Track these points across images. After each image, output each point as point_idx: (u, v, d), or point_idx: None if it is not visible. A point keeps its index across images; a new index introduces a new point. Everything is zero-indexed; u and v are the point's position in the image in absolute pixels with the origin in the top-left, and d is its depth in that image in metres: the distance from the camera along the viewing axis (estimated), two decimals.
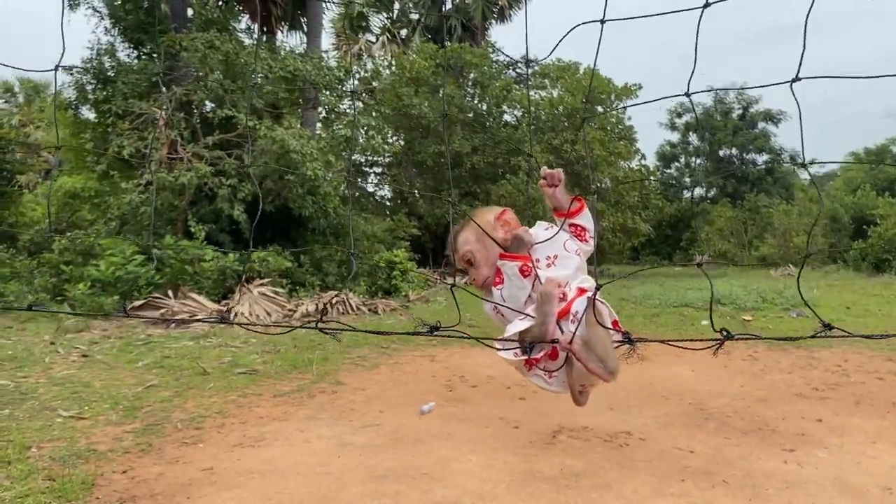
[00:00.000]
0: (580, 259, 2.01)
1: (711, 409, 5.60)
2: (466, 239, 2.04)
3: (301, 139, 12.75)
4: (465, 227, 2.07)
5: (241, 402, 5.79)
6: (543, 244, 1.97)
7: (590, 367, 1.76)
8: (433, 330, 1.73)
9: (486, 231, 1.96)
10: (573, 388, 1.95)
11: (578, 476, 4.05)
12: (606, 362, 1.76)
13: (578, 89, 22.47)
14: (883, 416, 5.40)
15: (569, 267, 1.96)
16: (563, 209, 2.02)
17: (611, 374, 1.78)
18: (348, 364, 7.40)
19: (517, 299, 1.91)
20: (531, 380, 1.95)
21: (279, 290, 11.77)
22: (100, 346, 7.98)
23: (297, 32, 22.05)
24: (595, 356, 1.76)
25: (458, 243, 2.05)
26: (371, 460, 4.35)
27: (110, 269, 10.61)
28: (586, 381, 1.91)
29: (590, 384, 1.96)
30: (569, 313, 1.81)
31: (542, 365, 1.90)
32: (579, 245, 2.03)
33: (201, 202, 12.84)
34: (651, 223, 25.11)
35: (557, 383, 1.93)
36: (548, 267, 1.95)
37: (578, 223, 2.05)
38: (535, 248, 1.96)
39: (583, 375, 1.85)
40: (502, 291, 1.93)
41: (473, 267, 2.03)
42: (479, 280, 2.02)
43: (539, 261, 1.94)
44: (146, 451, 4.48)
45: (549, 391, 1.97)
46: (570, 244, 2.01)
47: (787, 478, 3.98)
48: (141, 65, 14.37)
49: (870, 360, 7.56)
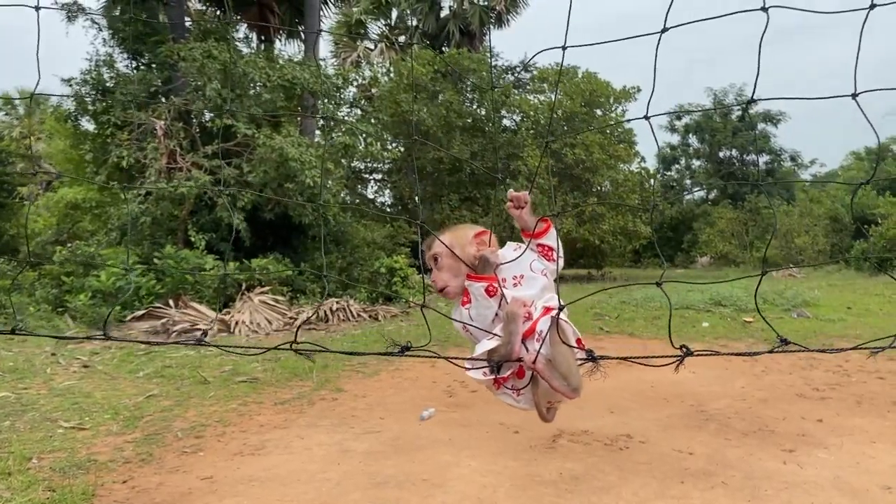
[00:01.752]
0: (546, 279, 2.05)
1: (712, 411, 5.60)
2: (439, 244, 2.09)
3: (300, 147, 12.78)
4: (447, 232, 2.14)
5: (242, 410, 5.80)
6: (510, 264, 2.02)
7: (553, 385, 1.81)
8: (404, 350, 1.79)
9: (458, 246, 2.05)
10: (539, 406, 1.98)
11: (579, 480, 4.05)
12: (569, 380, 1.81)
13: (577, 93, 22.49)
14: (884, 415, 5.39)
15: (534, 287, 2.01)
16: (530, 230, 2.07)
17: (574, 392, 1.83)
18: (349, 371, 7.40)
19: (485, 318, 1.95)
20: (499, 398, 2.01)
21: (280, 297, 11.78)
22: (101, 357, 7.99)
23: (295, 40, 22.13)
24: (559, 374, 1.80)
25: (433, 242, 2.12)
26: (372, 467, 4.36)
27: (111, 279, 10.64)
28: (552, 398, 1.95)
29: (556, 401, 1.99)
30: (534, 332, 1.85)
31: (509, 384, 1.95)
32: (546, 265, 2.08)
33: (201, 211, 12.86)
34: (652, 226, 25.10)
35: (525, 401, 1.98)
36: (514, 286, 2.00)
37: (545, 243, 2.11)
38: (501, 269, 2.00)
39: (548, 393, 1.89)
40: (470, 311, 1.97)
41: (437, 269, 2.09)
42: (439, 283, 2.08)
43: (506, 280, 1.99)
44: (146, 461, 4.49)
45: (517, 408, 2.02)
46: (536, 264, 2.06)
47: (787, 478, 3.98)
48: (139, 75, 14.42)
49: (871, 360, 7.55)
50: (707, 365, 7.28)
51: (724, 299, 12.68)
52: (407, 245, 17.97)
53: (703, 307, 12.18)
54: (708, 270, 30.20)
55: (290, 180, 12.79)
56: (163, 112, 12.98)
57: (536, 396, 1.94)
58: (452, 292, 2.06)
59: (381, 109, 19.18)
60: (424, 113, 19.44)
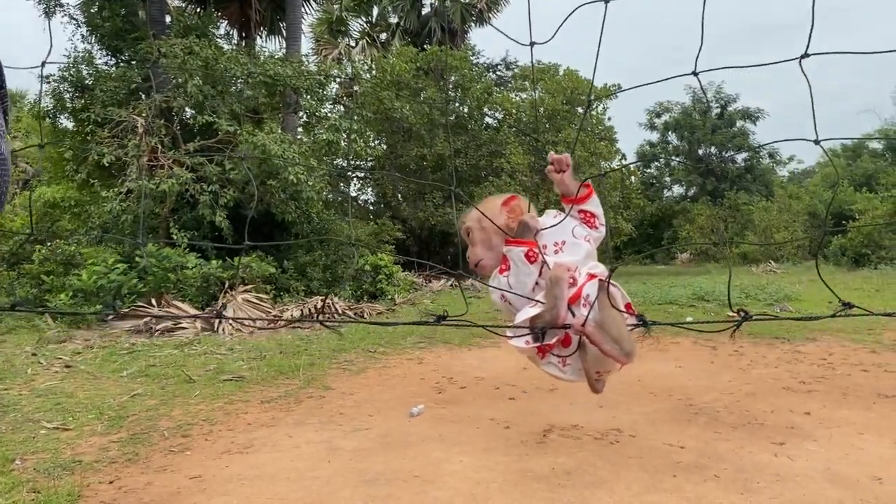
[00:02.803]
0: (590, 246, 1.94)
1: (700, 404, 5.62)
2: (471, 216, 2.00)
3: (282, 144, 12.69)
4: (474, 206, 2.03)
5: (228, 408, 5.74)
6: (550, 230, 1.90)
7: (605, 350, 1.71)
8: (440, 319, 1.67)
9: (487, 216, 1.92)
10: (589, 375, 1.88)
11: (570, 474, 4.04)
12: (622, 344, 1.71)
13: (559, 91, 22.56)
14: (869, 407, 5.44)
15: (578, 253, 1.90)
16: (571, 195, 1.95)
17: (627, 356, 1.73)
18: (335, 369, 7.36)
19: (524, 286, 1.85)
20: (544, 369, 1.90)
21: (263, 296, 11.69)
22: (83, 357, 7.88)
23: (277, 37, 21.97)
24: (610, 338, 1.70)
25: (464, 217, 2.03)
26: (361, 464, 4.32)
27: (92, 278, 10.49)
28: (602, 366, 1.85)
29: (605, 370, 1.88)
30: (580, 297, 1.76)
31: (555, 351, 1.84)
32: (588, 231, 1.97)
33: (183, 209, 12.73)
34: (633, 222, 25.28)
35: (572, 371, 1.87)
36: (555, 253, 1.89)
37: (587, 209, 1.99)
38: (541, 235, 1.89)
39: (598, 360, 1.80)
40: (509, 278, 1.87)
41: (470, 244, 2.00)
42: (473, 259, 1.98)
43: (546, 247, 1.88)
44: (133, 461, 4.42)
45: (564, 380, 1.91)
46: (579, 230, 1.94)
47: (778, 471, 4.00)
48: (119, 72, 14.22)
49: (854, 352, 7.63)
50: (694, 358, 7.32)
51: (708, 294, 12.78)
52: (391, 242, 17.93)
53: (687, 302, 12.27)
54: (688, 267, 30.44)
55: (272, 177, 12.70)
56: (143, 109, 12.82)
57: (586, 364, 1.84)
58: (488, 266, 1.96)
59: (364, 106, 19.10)
60: (407, 110, 19.39)
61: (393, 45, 26.91)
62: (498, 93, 23.28)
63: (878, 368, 6.86)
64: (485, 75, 24.24)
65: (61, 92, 14.20)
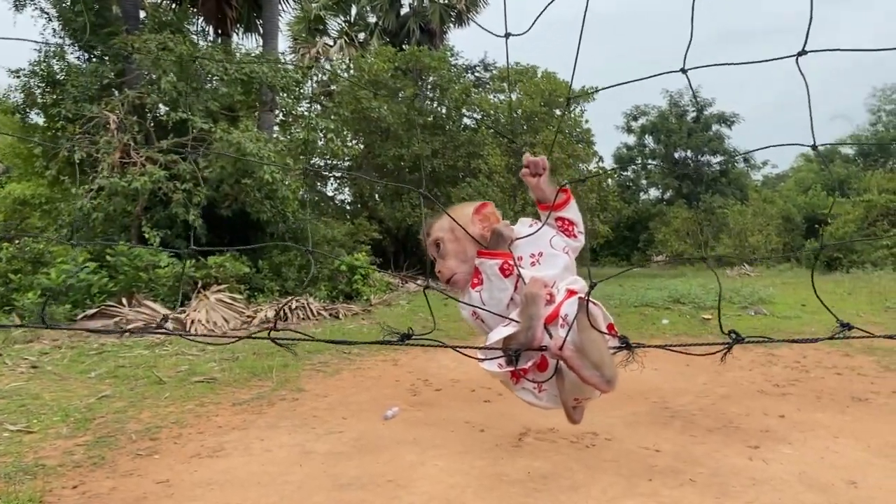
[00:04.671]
0: (568, 258, 1.82)
1: (676, 408, 5.62)
2: (441, 226, 1.86)
3: (258, 142, 12.54)
4: (443, 216, 1.89)
5: (199, 411, 5.63)
6: (526, 240, 1.78)
7: (584, 376, 1.57)
8: (405, 338, 1.54)
9: (461, 225, 1.79)
10: (566, 403, 1.75)
11: (546, 478, 4.00)
12: (603, 369, 1.57)
13: (537, 93, 22.58)
14: (843, 410, 5.47)
15: (556, 266, 1.78)
16: (548, 201, 1.82)
17: (608, 384, 1.60)
18: (309, 370, 7.26)
19: (499, 302, 1.72)
20: (519, 395, 1.76)
21: (237, 296, 11.53)
22: (50, 357, 7.70)
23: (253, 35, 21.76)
24: (590, 363, 1.57)
25: (432, 228, 1.88)
26: (334, 468, 4.25)
27: (61, 277, 10.27)
28: (580, 393, 1.72)
29: (584, 397, 1.75)
30: (558, 317, 1.64)
31: (529, 376, 1.71)
32: (567, 241, 1.85)
33: (155, 207, 12.53)
34: (609, 225, 25.39)
35: (548, 397, 1.74)
36: (532, 266, 1.77)
37: (566, 216, 1.87)
38: (516, 245, 1.77)
39: (576, 387, 1.67)
40: (482, 293, 1.74)
41: (440, 256, 1.85)
42: (445, 273, 1.84)
43: (522, 259, 1.76)
44: (98, 465, 4.30)
45: (540, 407, 1.77)
46: (557, 241, 1.82)
47: (754, 474, 3.99)
48: (91, 67, 13.98)
49: (827, 355, 7.69)
50: (669, 361, 7.32)
51: (683, 297, 12.82)
52: (368, 243, 17.81)
53: (663, 304, 12.30)
54: (664, 269, 30.63)
55: (247, 176, 12.55)
56: (116, 105, 12.60)
57: (563, 392, 1.71)
58: (462, 280, 1.81)
59: (342, 105, 18.97)
60: (385, 110, 19.29)
61: (371, 45, 26.78)
62: (476, 94, 23.24)
63: (852, 372, 6.90)
64: (463, 76, 24.20)
65: (31, 87, 13.93)
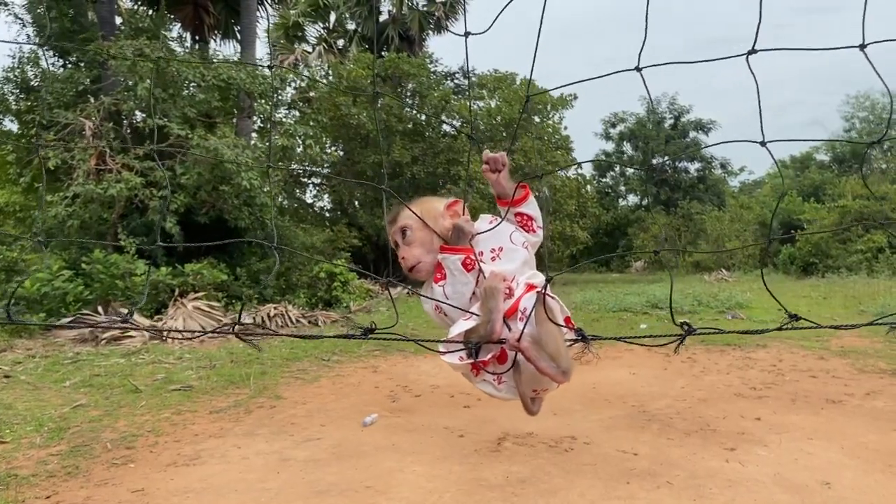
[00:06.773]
0: (527, 253, 1.85)
1: (654, 411, 5.65)
2: (409, 214, 1.86)
3: (235, 149, 12.47)
4: (413, 204, 1.90)
5: (175, 419, 5.57)
6: (486, 235, 1.81)
7: (541, 367, 1.61)
8: (367, 332, 1.55)
9: (429, 218, 1.83)
10: (524, 394, 1.78)
11: (525, 483, 4.00)
12: (559, 361, 1.62)
13: (516, 99, 22.68)
14: (818, 412, 5.53)
15: (515, 260, 1.81)
16: (507, 197, 1.85)
17: (564, 375, 1.64)
18: (287, 377, 7.22)
19: (462, 296, 1.75)
20: (479, 387, 1.80)
21: (215, 304, 11.45)
22: (24, 366, 7.59)
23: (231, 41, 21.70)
24: (546, 355, 1.61)
25: (399, 215, 1.89)
26: (313, 475, 4.22)
27: (35, 285, 10.15)
28: (538, 384, 1.75)
29: (542, 388, 1.79)
30: (517, 310, 1.68)
31: (489, 369, 1.74)
32: (526, 237, 1.88)
33: (132, 215, 12.41)
34: (588, 231, 25.54)
35: (507, 389, 1.77)
36: (492, 260, 1.80)
37: (524, 212, 1.90)
38: (477, 240, 1.80)
39: (534, 379, 1.71)
40: (444, 288, 1.77)
41: (405, 243, 1.86)
42: (410, 260, 1.85)
43: (483, 254, 1.79)
44: (72, 474, 4.25)
45: (499, 398, 1.81)
46: (517, 236, 1.86)
47: (730, 476, 4.02)
48: (67, 73, 13.84)
49: (803, 359, 7.78)
50: (647, 365, 7.37)
51: (661, 302, 12.94)
52: (348, 250, 17.77)
53: (641, 309, 12.40)
54: (643, 275, 30.85)
55: (225, 182, 12.47)
56: (92, 112, 12.48)
57: (520, 384, 1.75)
58: (425, 270, 1.84)
59: (320, 111, 18.93)
60: (364, 116, 19.28)
61: (350, 52, 26.78)
62: (456, 101, 23.31)
63: (826, 374, 6.99)
64: (443, 83, 24.25)
65: (5, 93, 13.78)
